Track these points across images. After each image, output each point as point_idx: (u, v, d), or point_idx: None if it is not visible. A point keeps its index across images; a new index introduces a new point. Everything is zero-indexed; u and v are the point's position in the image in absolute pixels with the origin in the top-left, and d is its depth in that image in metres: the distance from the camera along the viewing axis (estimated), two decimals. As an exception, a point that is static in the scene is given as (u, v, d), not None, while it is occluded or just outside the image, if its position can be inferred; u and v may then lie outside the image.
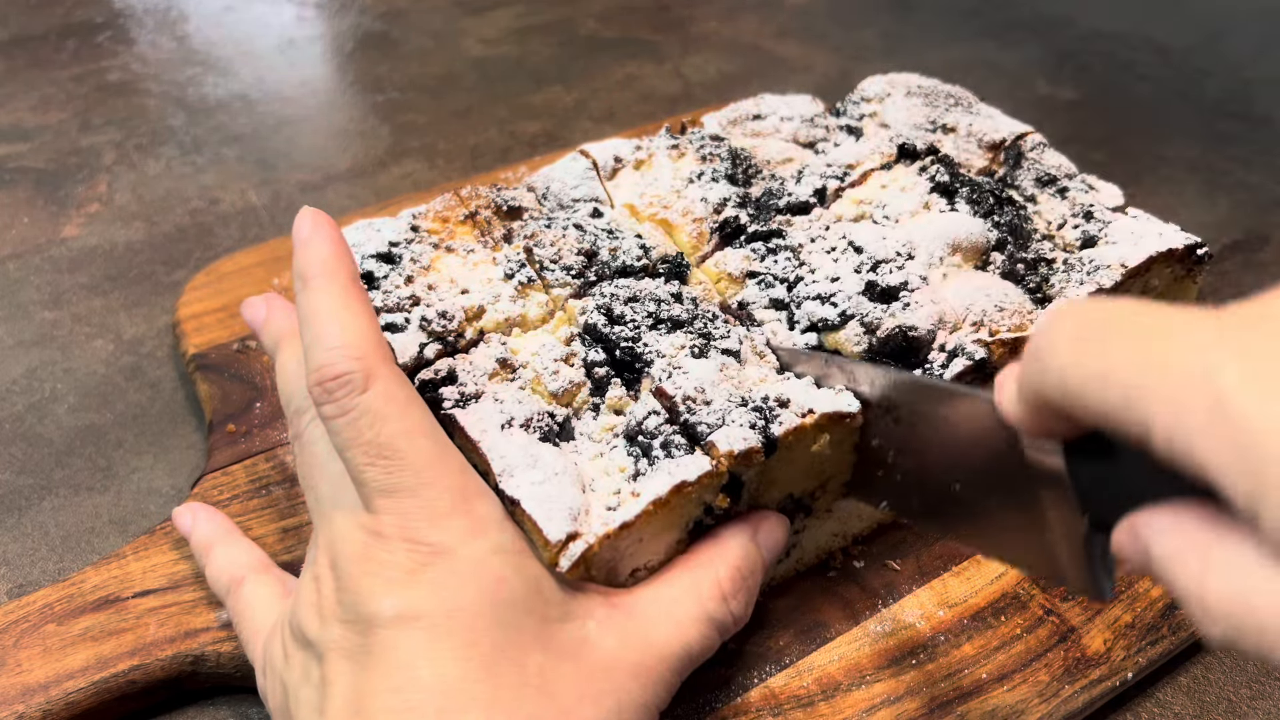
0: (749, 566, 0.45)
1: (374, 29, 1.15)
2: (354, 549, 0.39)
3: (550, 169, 0.62)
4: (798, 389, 0.46)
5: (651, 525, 0.43)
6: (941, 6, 1.22)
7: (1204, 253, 0.56)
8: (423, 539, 0.38)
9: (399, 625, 0.37)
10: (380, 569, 0.38)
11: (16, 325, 0.72)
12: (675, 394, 0.45)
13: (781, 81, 1.05)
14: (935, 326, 0.50)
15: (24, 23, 1.13)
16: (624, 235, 0.55)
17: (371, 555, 0.39)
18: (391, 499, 0.39)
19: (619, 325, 0.49)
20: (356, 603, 0.38)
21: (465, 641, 0.37)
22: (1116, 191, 0.61)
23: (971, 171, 0.62)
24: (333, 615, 0.39)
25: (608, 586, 0.43)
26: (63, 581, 0.50)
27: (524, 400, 0.46)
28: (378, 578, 0.38)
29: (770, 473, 0.46)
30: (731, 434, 0.43)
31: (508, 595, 0.38)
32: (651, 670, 0.41)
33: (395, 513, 0.39)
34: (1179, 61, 1.09)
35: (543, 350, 0.48)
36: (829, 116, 0.67)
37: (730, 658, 0.49)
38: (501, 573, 0.39)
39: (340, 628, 0.38)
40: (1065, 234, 0.57)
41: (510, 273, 0.52)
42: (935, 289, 0.51)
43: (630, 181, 0.60)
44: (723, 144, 0.61)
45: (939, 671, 0.48)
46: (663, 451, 0.43)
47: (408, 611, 0.37)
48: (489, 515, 0.40)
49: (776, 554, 0.47)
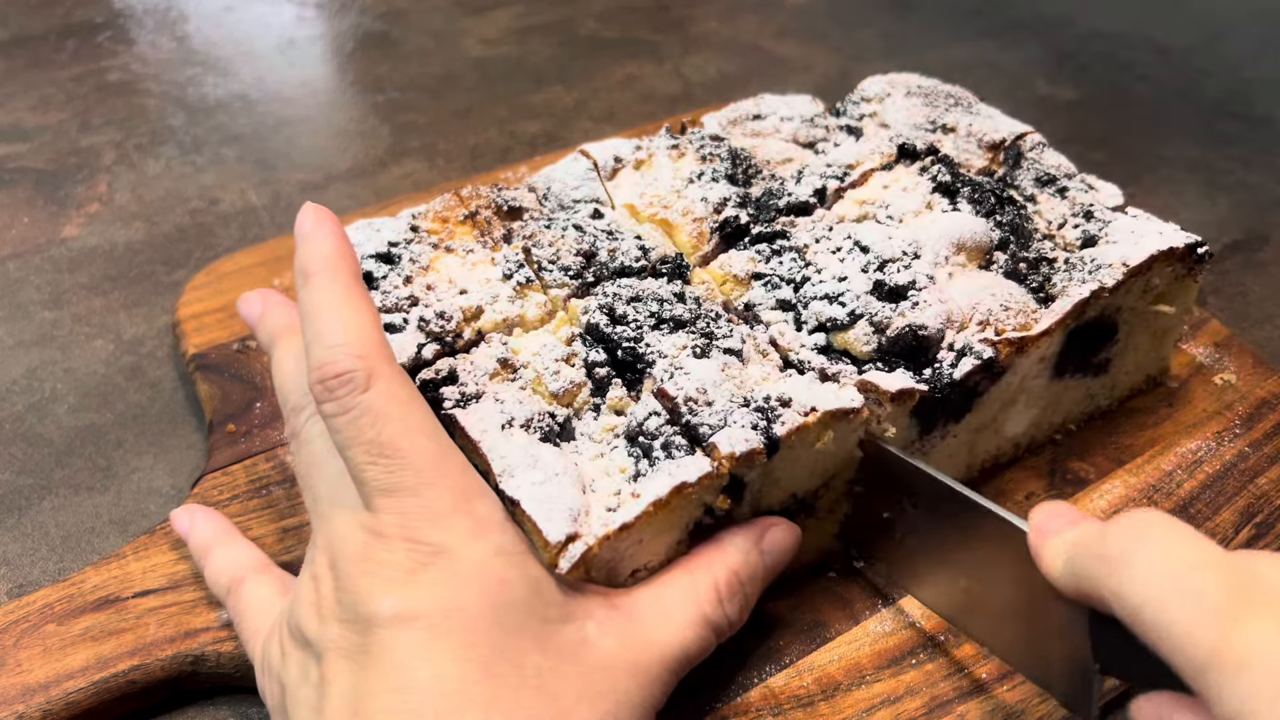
0: (748, 572, 0.45)
1: (374, 29, 1.15)
2: (353, 548, 0.39)
3: (551, 169, 0.62)
4: (799, 387, 0.46)
5: (651, 526, 0.42)
6: (941, 6, 1.22)
7: (1204, 251, 0.56)
8: (423, 539, 0.38)
9: (398, 625, 0.37)
10: (380, 569, 0.38)
11: (16, 325, 0.72)
12: (677, 395, 0.45)
13: (781, 81, 1.05)
14: (943, 326, 0.50)
15: (24, 23, 1.13)
16: (624, 236, 0.55)
17: (371, 555, 0.38)
18: (392, 498, 0.39)
19: (621, 325, 0.48)
20: (355, 602, 0.38)
21: (464, 642, 0.37)
22: (1116, 191, 0.61)
23: (971, 171, 0.62)
24: (331, 615, 0.39)
25: (608, 587, 0.43)
26: (63, 581, 0.50)
27: (525, 400, 0.46)
28: (377, 577, 0.38)
29: (773, 473, 0.46)
30: (733, 435, 0.43)
31: (508, 596, 0.38)
32: (649, 670, 0.41)
33: (396, 512, 0.39)
34: (1179, 61, 1.09)
35: (544, 350, 0.48)
36: (829, 116, 0.67)
37: (730, 657, 0.49)
38: (502, 574, 0.39)
39: (339, 627, 0.38)
40: (1066, 233, 0.57)
41: (509, 273, 0.52)
42: (942, 288, 0.51)
43: (630, 182, 0.60)
44: (723, 144, 0.61)
45: (939, 671, 0.48)
46: (663, 452, 0.43)
47: (407, 611, 0.37)
48: (490, 516, 0.40)
49: (782, 561, 0.47)
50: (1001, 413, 0.55)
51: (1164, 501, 0.56)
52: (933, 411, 0.50)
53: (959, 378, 0.49)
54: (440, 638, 0.37)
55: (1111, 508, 0.56)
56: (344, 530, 0.40)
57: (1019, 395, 0.55)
